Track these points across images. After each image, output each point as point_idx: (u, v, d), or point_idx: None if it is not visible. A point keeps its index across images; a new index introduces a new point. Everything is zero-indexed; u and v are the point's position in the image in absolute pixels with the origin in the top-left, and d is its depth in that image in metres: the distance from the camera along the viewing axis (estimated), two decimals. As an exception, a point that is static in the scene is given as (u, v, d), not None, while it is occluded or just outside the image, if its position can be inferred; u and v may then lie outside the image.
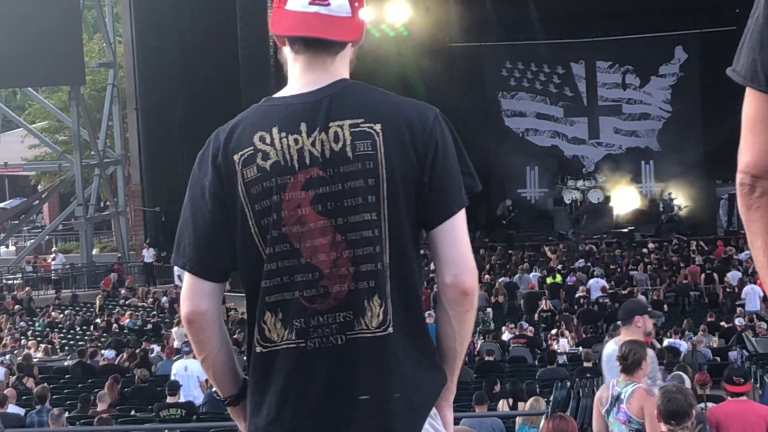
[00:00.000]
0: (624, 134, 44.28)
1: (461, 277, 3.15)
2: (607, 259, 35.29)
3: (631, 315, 8.89)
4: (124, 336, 28.22)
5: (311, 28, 3.14)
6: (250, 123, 3.19)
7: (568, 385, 16.33)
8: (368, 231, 3.10)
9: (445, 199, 3.15)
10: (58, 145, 47.49)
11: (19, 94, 56.76)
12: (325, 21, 3.14)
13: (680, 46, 43.20)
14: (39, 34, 38.52)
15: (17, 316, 32.11)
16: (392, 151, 3.11)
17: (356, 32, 3.20)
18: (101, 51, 48.96)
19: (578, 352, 21.85)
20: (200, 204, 3.22)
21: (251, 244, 3.16)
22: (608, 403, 8.03)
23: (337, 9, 3.15)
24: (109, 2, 45.18)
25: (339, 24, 3.15)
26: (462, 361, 3.35)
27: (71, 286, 40.06)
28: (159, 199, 40.68)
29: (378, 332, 3.11)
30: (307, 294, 3.12)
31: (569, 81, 44.44)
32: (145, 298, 34.74)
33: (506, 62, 44.63)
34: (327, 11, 3.14)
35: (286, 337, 3.15)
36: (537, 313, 29.11)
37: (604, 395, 8.17)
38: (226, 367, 3.35)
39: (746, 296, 28.20)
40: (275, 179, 3.12)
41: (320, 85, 3.18)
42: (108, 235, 52.66)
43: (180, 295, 3.32)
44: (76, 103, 42.06)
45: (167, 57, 40.10)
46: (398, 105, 3.20)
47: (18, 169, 51.55)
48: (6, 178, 55.75)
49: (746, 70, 2.50)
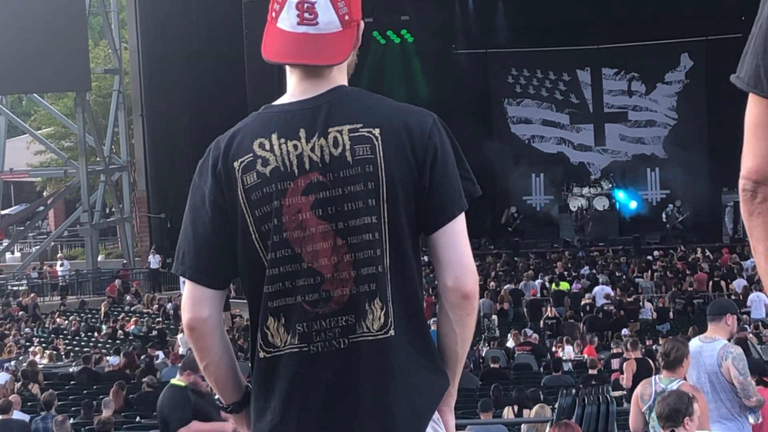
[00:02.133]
0: (630, 141, 44.25)
1: (462, 280, 3.16)
2: (612, 266, 35.23)
3: (723, 312, 8.78)
4: (129, 343, 28.22)
5: (298, 54, 3.16)
6: (249, 130, 3.21)
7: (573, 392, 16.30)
8: (369, 234, 3.12)
9: (445, 203, 3.16)
10: (64, 152, 47.59)
11: (24, 100, 56.92)
12: (313, 44, 3.15)
13: (686, 53, 43.17)
14: (45, 41, 38.59)
15: (22, 322, 32.13)
16: (391, 156, 3.12)
17: (346, 50, 3.19)
18: (107, 57, 49.02)
19: (584, 359, 21.82)
20: (200, 212, 3.24)
21: (252, 250, 3.18)
22: (651, 400, 8.02)
23: (326, 26, 3.15)
24: (115, 9, 45.29)
25: (328, 45, 3.15)
26: (463, 365, 3.35)
27: (77, 292, 40.08)
28: (164, 205, 40.70)
29: (380, 335, 3.13)
30: (309, 298, 3.14)
31: (575, 88, 44.42)
32: (151, 305, 34.75)
33: (512, 69, 44.61)
34: (315, 30, 3.15)
35: (289, 341, 3.17)
36: (542, 320, 29.07)
37: (647, 392, 8.17)
38: (228, 374, 3.36)
39: (752, 304, 28.13)
40: (275, 185, 3.14)
41: (318, 92, 3.20)
42: (113, 241, 52.72)
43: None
44: (81, 109, 42.13)
45: (173, 63, 40.16)
46: (397, 110, 3.22)
47: (23, 175, 51.64)
48: (11, 184, 55.79)
49: (749, 76, 2.50)
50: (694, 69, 43.06)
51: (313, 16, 3.14)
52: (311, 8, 3.14)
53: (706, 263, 34.12)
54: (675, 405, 7.09)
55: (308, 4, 3.14)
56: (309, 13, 3.14)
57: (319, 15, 3.14)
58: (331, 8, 3.15)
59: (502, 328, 28.35)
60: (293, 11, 3.15)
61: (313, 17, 3.14)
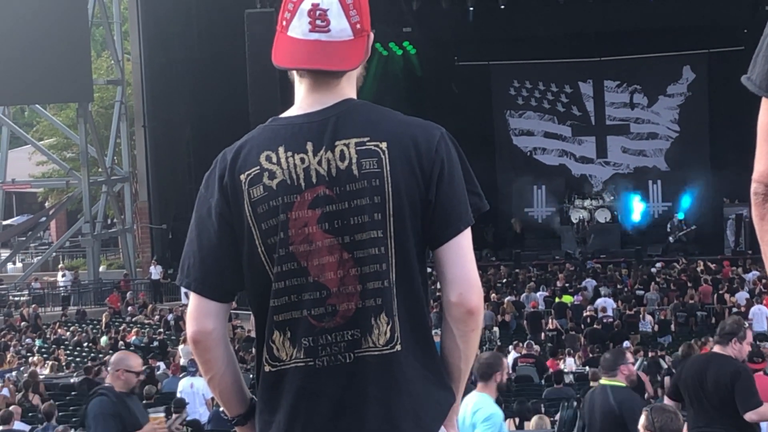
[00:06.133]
0: (632, 153, 44.24)
1: (467, 296, 3.14)
2: (614, 278, 35.21)
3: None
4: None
5: (311, 60, 3.14)
6: (256, 143, 3.20)
7: (574, 404, 16.27)
8: (375, 249, 3.10)
9: (451, 218, 3.14)
10: (66, 162, 47.56)
11: (27, 111, 56.88)
12: (325, 50, 3.12)
13: (688, 65, 43.19)
14: (47, 52, 38.59)
15: (23, 333, 32.09)
16: (398, 169, 3.11)
17: (358, 58, 3.17)
18: (109, 68, 49.05)
19: (585, 371, 21.78)
20: (206, 224, 3.22)
21: (258, 263, 3.16)
22: None
23: (338, 34, 3.13)
24: (117, 20, 45.32)
25: (340, 52, 3.13)
26: (466, 380, 3.33)
27: (78, 302, 40.05)
28: (166, 216, 40.68)
29: (385, 350, 3.11)
30: (315, 312, 3.12)
31: (577, 100, 44.43)
32: (152, 315, 34.72)
33: (514, 81, 44.63)
34: (328, 38, 3.13)
35: (294, 356, 3.15)
36: (543, 332, 29.03)
37: None
38: (233, 387, 3.35)
39: (753, 317, 28.10)
40: (282, 198, 3.12)
41: (326, 104, 3.18)
42: (115, 252, 52.69)
43: (186, 314, 3.32)
44: (84, 120, 42.09)
45: (175, 75, 40.18)
46: (404, 123, 3.20)
47: (25, 186, 51.57)
48: (13, 195, 55.75)
49: (762, 80, 2.48)
50: (697, 81, 43.08)
51: (325, 23, 3.12)
52: (323, 15, 3.12)
53: (708, 275, 34.08)
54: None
55: (320, 12, 3.12)
56: (321, 20, 3.12)
57: (331, 22, 3.12)
58: (344, 16, 3.13)
59: (504, 340, 28.30)
60: (305, 18, 3.13)
61: (326, 24, 3.12)
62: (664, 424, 6.95)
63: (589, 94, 44.35)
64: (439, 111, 36.25)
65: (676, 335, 28.51)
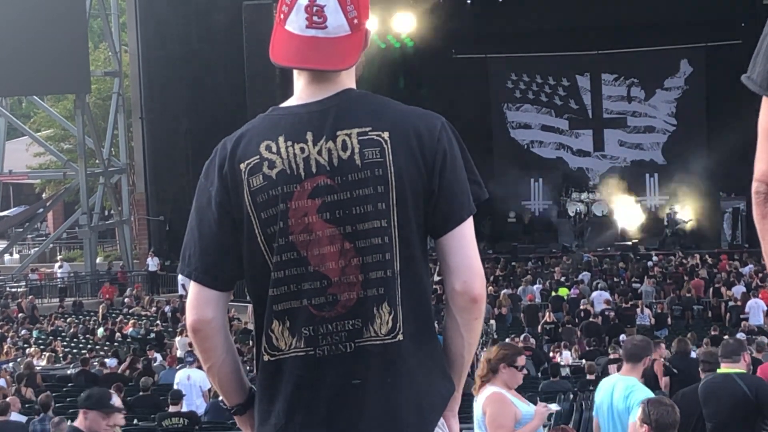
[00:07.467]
0: (629, 147, 44.22)
1: (471, 284, 3.14)
2: (611, 271, 35.23)
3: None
4: (128, 345, 28.18)
5: (307, 59, 3.13)
6: (256, 132, 3.19)
7: (571, 397, 16.29)
8: (378, 238, 3.10)
9: (453, 207, 3.15)
10: (63, 154, 47.53)
11: (24, 103, 56.86)
12: (322, 48, 3.12)
13: (686, 59, 43.14)
14: (45, 43, 38.54)
15: (20, 324, 32.07)
16: (400, 159, 3.11)
17: (355, 54, 3.16)
18: (107, 60, 48.95)
19: (581, 364, 21.79)
20: (206, 213, 3.21)
21: (258, 252, 3.16)
22: None
23: (335, 30, 3.12)
24: (115, 11, 45.22)
25: (337, 49, 3.13)
26: (468, 369, 3.33)
27: (75, 294, 40.04)
28: (163, 208, 40.64)
29: (387, 339, 3.11)
30: (315, 302, 3.12)
31: (574, 93, 44.39)
32: (149, 307, 34.71)
33: (511, 74, 44.60)
34: (324, 34, 3.12)
35: (294, 345, 3.14)
36: (540, 325, 29.05)
37: None
38: (232, 376, 3.34)
39: (750, 310, 28.15)
40: (281, 187, 3.12)
41: (326, 94, 3.17)
42: (112, 243, 52.64)
43: (185, 304, 3.32)
44: (81, 111, 42.05)
45: (173, 66, 40.10)
46: (406, 113, 3.20)
47: (23, 177, 51.51)
48: (11, 186, 55.66)
49: (762, 79, 2.47)
50: (694, 75, 43.04)
51: (322, 19, 3.11)
52: (320, 11, 3.11)
53: (704, 269, 34.10)
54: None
55: (317, 7, 3.11)
56: (318, 16, 3.11)
57: (328, 18, 3.11)
58: (341, 12, 3.12)
59: (500, 333, 28.31)
60: (302, 14, 3.12)
61: (322, 21, 3.11)
62: (660, 416, 6.93)
63: (587, 88, 44.32)
64: (436, 104, 36.22)
65: (672, 329, 28.52)
